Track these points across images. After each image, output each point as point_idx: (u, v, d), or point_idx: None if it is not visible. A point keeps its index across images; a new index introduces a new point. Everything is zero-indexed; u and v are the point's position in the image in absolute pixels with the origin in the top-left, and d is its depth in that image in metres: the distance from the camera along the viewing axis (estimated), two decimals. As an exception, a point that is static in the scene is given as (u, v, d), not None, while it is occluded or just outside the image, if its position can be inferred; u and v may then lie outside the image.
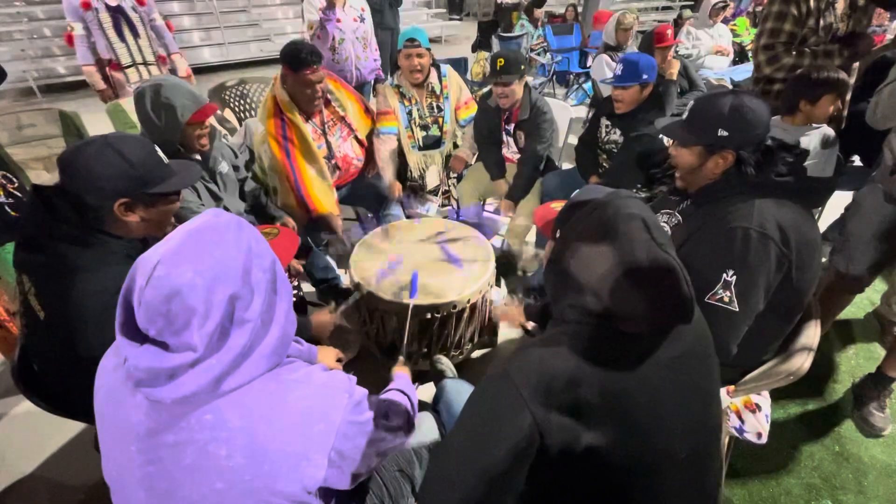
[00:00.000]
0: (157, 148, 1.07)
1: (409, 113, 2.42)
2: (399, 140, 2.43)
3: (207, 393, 0.63)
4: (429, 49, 2.31)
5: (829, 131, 1.97)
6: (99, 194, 0.96)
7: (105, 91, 3.00)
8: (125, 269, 0.97)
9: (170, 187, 1.04)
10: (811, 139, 1.95)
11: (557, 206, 1.04)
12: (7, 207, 1.53)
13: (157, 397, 0.62)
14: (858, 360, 2.03)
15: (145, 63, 3.02)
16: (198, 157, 1.61)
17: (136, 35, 2.91)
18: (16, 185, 1.58)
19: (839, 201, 1.90)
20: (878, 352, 2.05)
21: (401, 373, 1.20)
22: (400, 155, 2.47)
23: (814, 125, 1.95)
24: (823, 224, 2.57)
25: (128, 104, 2.68)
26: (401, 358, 1.29)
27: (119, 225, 1.01)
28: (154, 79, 1.49)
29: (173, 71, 3.20)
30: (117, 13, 2.81)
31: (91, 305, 0.93)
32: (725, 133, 1.11)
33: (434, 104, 2.44)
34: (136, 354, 0.62)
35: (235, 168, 1.86)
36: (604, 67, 3.50)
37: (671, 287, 0.69)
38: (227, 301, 0.64)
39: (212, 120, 1.63)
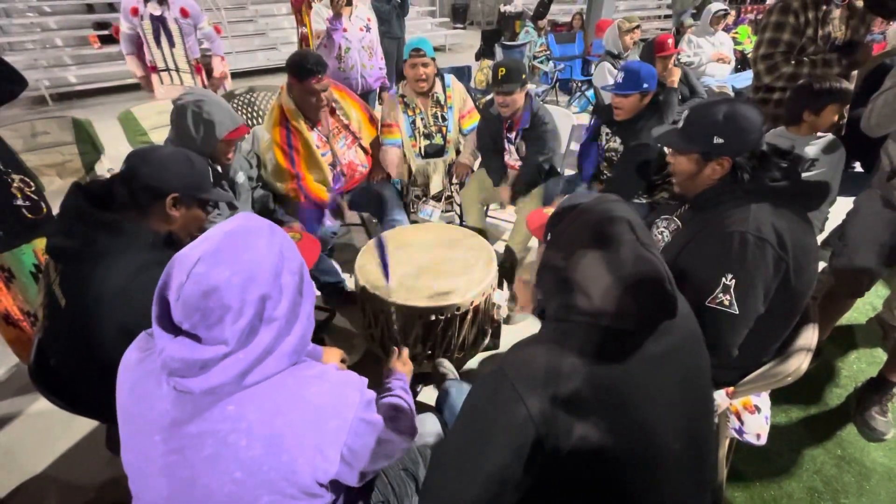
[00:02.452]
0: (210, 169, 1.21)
1: (413, 122, 2.47)
2: (403, 149, 2.47)
3: (232, 385, 0.67)
4: (434, 59, 2.36)
5: (834, 139, 1.95)
6: (162, 183, 1.10)
7: (144, 78, 3.30)
8: (144, 255, 1.03)
9: (213, 196, 1.24)
10: (817, 148, 1.96)
11: (549, 211, 1.07)
12: (24, 210, 1.57)
13: (187, 387, 0.66)
14: (860, 365, 2.04)
15: (178, 70, 3.25)
16: (219, 168, 1.68)
17: (171, 44, 3.16)
18: (33, 188, 1.62)
19: (840, 207, 1.91)
20: (881, 356, 2.05)
21: (400, 373, 1.21)
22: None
23: (818, 134, 1.95)
24: (828, 229, 2.57)
25: (139, 112, 2.74)
26: (405, 352, 1.29)
27: (161, 217, 1.12)
28: (195, 93, 1.59)
29: (209, 73, 3.43)
30: (158, 22, 3.05)
31: (106, 288, 0.98)
32: (721, 140, 1.14)
33: (438, 113, 2.49)
34: (172, 346, 0.65)
35: (251, 178, 1.92)
36: (605, 75, 3.54)
37: (656, 285, 0.72)
38: (259, 300, 0.68)
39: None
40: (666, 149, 2.09)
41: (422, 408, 1.40)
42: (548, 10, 6.14)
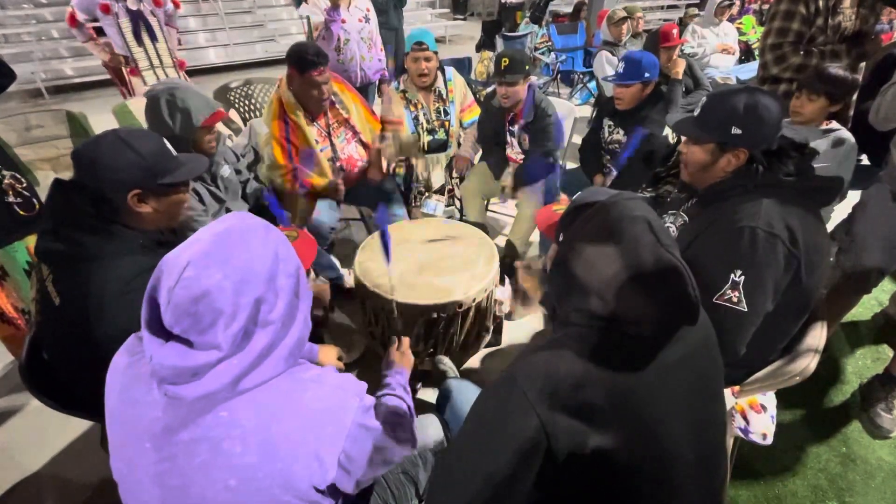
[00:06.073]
0: (167, 142, 1.10)
1: (416, 118, 2.43)
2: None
3: (226, 391, 0.65)
4: (436, 52, 2.31)
5: (845, 134, 1.86)
6: (113, 186, 1.00)
7: (113, 63, 2.99)
8: (140, 259, 1.00)
9: (179, 177, 1.08)
10: (826, 142, 1.90)
11: (559, 208, 1.03)
12: (16, 207, 1.55)
13: (178, 394, 0.63)
14: (866, 361, 2.02)
15: (162, 66, 3.07)
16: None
17: (153, 39, 2.96)
18: (24, 185, 1.59)
19: (848, 200, 1.88)
20: (886, 353, 2.03)
21: (399, 367, 1.17)
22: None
23: (824, 127, 1.89)
24: (833, 224, 2.54)
25: (133, 105, 2.70)
26: (406, 342, 1.25)
27: (133, 216, 1.04)
28: (166, 83, 1.54)
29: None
30: (137, 17, 2.84)
31: (106, 292, 0.96)
32: (739, 131, 1.10)
33: (441, 108, 2.46)
34: (161, 353, 0.63)
35: (238, 171, 1.87)
36: (604, 64, 3.49)
37: (677, 289, 0.68)
38: (253, 304, 0.65)
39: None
40: (672, 137, 2.06)
41: (422, 406, 1.37)
42: (544, 14, 6.04)
